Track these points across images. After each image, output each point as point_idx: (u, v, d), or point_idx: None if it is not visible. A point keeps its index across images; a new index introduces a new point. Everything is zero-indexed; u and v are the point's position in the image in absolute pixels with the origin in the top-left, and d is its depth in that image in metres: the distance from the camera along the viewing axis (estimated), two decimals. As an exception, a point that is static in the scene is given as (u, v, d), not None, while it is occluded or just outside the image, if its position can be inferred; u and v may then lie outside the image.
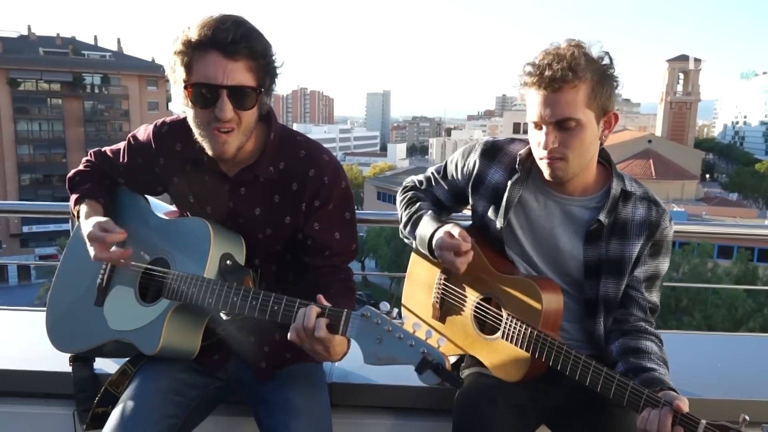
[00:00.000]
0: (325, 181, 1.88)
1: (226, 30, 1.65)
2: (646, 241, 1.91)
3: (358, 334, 1.56)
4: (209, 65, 1.67)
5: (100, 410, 1.96)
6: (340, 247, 1.92)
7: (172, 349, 1.86)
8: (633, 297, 1.95)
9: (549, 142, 1.81)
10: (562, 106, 1.77)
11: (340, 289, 1.87)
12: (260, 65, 1.73)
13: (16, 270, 46.25)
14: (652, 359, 1.83)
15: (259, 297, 1.70)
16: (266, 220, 1.91)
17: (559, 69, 1.74)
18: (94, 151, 2.18)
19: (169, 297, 1.82)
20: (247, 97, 1.73)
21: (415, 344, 1.48)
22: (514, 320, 1.90)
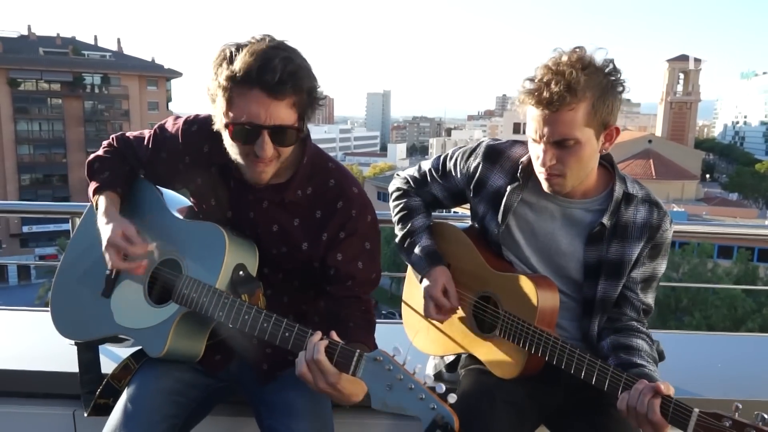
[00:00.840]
0: (353, 214, 1.86)
1: (273, 69, 1.58)
2: (646, 243, 1.92)
3: (369, 376, 1.53)
4: (252, 104, 1.62)
5: (102, 401, 1.96)
6: (363, 275, 1.89)
7: (177, 353, 1.86)
8: (627, 297, 1.96)
9: (547, 159, 1.80)
10: (560, 127, 1.75)
11: (360, 321, 1.85)
12: (304, 101, 1.69)
13: (16, 270, 46.26)
14: (641, 356, 1.84)
15: (271, 320, 1.68)
16: (283, 239, 1.89)
17: (557, 90, 1.70)
18: (118, 135, 2.11)
19: (179, 302, 1.81)
20: (289, 135, 1.70)
21: (425, 398, 1.46)
22: (511, 317, 1.91)
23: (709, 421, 1.52)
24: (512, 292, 1.95)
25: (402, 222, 2.22)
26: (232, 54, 1.63)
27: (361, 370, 1.54)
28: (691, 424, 1.54)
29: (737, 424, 1.49)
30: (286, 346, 1.67)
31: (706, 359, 2.78)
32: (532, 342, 1.85)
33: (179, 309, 1.81)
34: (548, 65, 1.75)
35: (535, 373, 1.94)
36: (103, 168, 2.04)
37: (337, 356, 1.57)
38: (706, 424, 1.52)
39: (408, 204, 2.24)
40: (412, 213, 2.22)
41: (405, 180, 2.30)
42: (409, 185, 2.29)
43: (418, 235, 2.17)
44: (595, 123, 1.76)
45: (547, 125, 1.76)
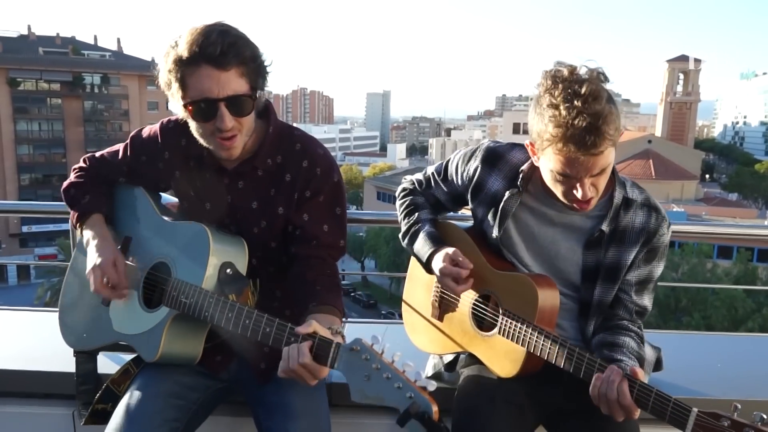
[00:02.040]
0: (318, 172, 1.91)
1: (213, 43, 1.68)
2: (642, 247, 1.92)
3: (347, 368, 1.52)
4: (203, 80, 1.70)
5: (100, 407, 1.96)
6: (327, 239, 1.93)
7: (173, 355, 1.86)
8: (621, 299, 1.96)
9: (588, 192, 1.77)
10: (601, 161, 1.72)
11: (326, 284, 1.87)
12: (251, 69, 1.76)
13: (15, 270, 46.26)
14: (623, 352, 1.85)
15: (252, 317, 1.69)
16: (262, 212, 1.93)
17: (596, 133, 1.65)
18: (87, 156, 2.16)
19: (169, 305, 1.82)
20: (244, 104, 1.77)
21: (402, 387, 1.43)
22: (510, 316, 1.91)
23: (707, 421, 1.52)
24: (512, 291, 1.95)
25: (408, 216, 2.22)
26: (175, 42, 1.73)
27: (338, 361, 1.54)
28: (690, 423, 1.54)
29: (736, 424, 1.49)
30: (268, 342, 1.68)
31: (705, 359, 2.78)
32: (532, 340, 1.85)
33: (170, 312, 1.82)
34: (573, 105, 1.65)
35: (535, 373, 1.94)
36: (81, 192, 2.08)
37: (315, 349, 1.58)
38: (704, 423, 1.52)
39: (414, 200, 2.26)
40: (417, 207, 2.23)
41: (411, 182, 2.33)
42: (414, 187, 2.31)
43: (423, 223, 2.16)
44: (617, 134, 1.74)
45: (590, 166, 1.72)
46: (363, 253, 46.08)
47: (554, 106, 1.68)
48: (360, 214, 3.23)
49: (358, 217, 3.19)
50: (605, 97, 1.68)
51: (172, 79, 1.74)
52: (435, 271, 2.03)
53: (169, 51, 1.74)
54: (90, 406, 1.99)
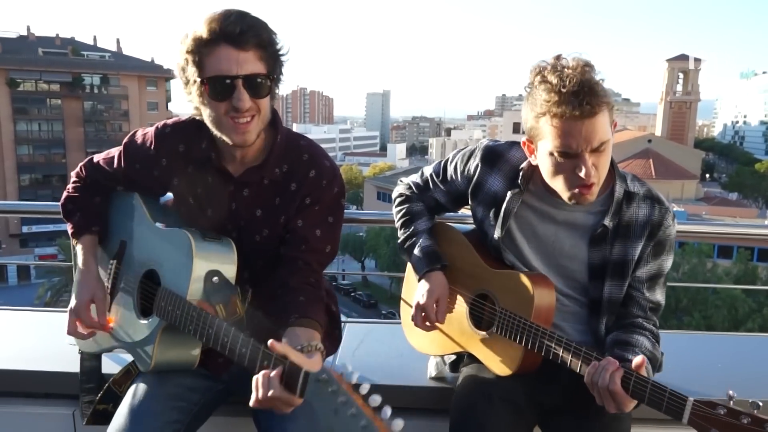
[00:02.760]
0: (323, 183, 1.90)
1: (233, 23, 1.68)
2: (648, 241, 1.91)
3: (316, 399, 1.39)
4: (222, 59, 1.69)
5: (102, 407, 1.96)
6: (317, 244, 1.90)
7: (169, 364, 1.85)
8: (633, 297, 1.95)
9: (591, 171, 1.76)
10: (599, 131, 1.72)
11: (309, 296, 1.83)
12: (269, 54, 1.75)
13: (15, 270, 46.27)
14: (636, 352, 1.83)
15: (230, 335, 1.62)
16: (265, 221, 1.91)
17: (590, 93, 1.68)
18: (85, 163, 2.15)
19: (158, 315, 1.80)
20: (262, 85, 1.75)
21: (367, 425, 1.28)
22: (508, 314, 1.92)
23: (704, 410, 1.53)
24: (509, 289, 1.96)
25: (405, 226, 2.22)
26: (193, 29, 1.72)
27: (306, 390, 1.43)
28: (686, 413, 1.55)
29: (732, 412, 1.50)
30: (243, 363, 1.59)
31: (706, 359, 2.78)
32: (529, 337, 1.85)
33: (159, 322, 1.81)
34: (563, 72, 1.71)
35: (533, 371, 1.94)
36: (75, 209, 2.10)
37: (285, 376, 1.48)
38: (701, 412, 1.53)
39: (410, 209, 2.24)
40: (414, 217, 2.22)
41: (408, 186, 2.30)
42: (411, 191, 2.28)
43: (419, 235, 2.17)
44: (610, 110, 1.77)
45: (588, 133, 1.72)
46: (363, 253, 46.10)
47: (544, 81, 1.73)
48: (360, 214, 3.23)
49: (358, 217, 3.18)
50: (594, 71, 1.74)
51: (189, 59, 1.72)
52: (419, 293, 2.09)
53: (187, 34, 1.73)
54: (91, 405, 1.99)
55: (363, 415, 1.29)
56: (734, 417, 1.49)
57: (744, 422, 1.48)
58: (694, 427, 1.54)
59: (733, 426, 1.49)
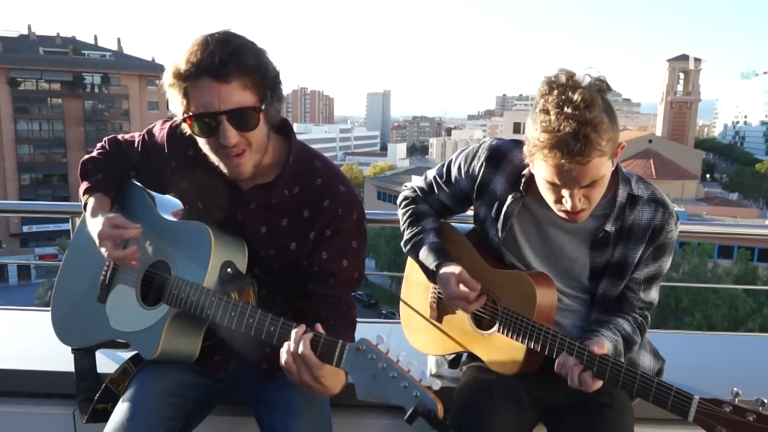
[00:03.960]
0: (339, 212, 1.85)
1: (211, 53, 1.59)
2: (648, 244, 1.90)
3: (353, 367, 1.53)
4: (204, 93, 1.62)
5: (100, 407, 1.96)
6: (345, 275, 1.87)
7: (172, 353, 1.86)
8: (627, 296, 1.96)
9: (578, 203, 1.75)
10: (591, 171, 1.69)
11: (341, 321, 1.83)
12: (256, 80, 1.66)
13: (16, 270, 46.29)
14: (610, 329, 1.86)
15: (256, 316, 1.69)
16: (270, 239, 1.89)
17: (586, 138, 1.61)
18: (110, 138, 2.13)
19: (169, 303, 1.82)
20: (249, 117, 1.67)
21: (408, 386, 1.45)
22: (510, 313, 1.91)
23: (709, 408, 1.53)
24: (510, 289, 1.95)
25: (411, 225, 2.19)
26: (176, 59, 1.65)
27: (344, 360, 1.55)
28: (692, 411, 1.55)
29: (738, 410, 1.50)
30: (272, 340, 1.67)
31: (706, 359, 2.78)
32: (531, 337, 1.85)
33: (170, 310, 1.82)
34: (563, 111, 1.63)
35: (535, 370, 1.94)
36: (96, 169, 2.06)
37: (321, 348, 1.58)
38: (706, 410, 1.54)
39: (416, 209, 2.22)
40: (420, 217, 2.20)
41: (413, 190, 2.29)
42: (417, 194, 2.27)
43: (427, 233, 2.15)
44: (613, 146, 1.72)
45: (579, 176, 1.69)
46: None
47: (545, 111, 1.67)
48: (360, 214, 3.21)
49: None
50: (600, 106, 1.64)
51: (174, 92, 1.67)
52: (444, 292, 2.02)
53: (169, 65, 1.66)
54: (89, 402, 1.99)
55: (404, 376, 1.46)
56: (740, 414, 1.50)
57: (750, 419, 1.48)
58: (700, 424, 1.55)
59: (739, 423, 1.49)
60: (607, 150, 1.67)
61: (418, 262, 2.14)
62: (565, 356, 1.76)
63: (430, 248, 2.09)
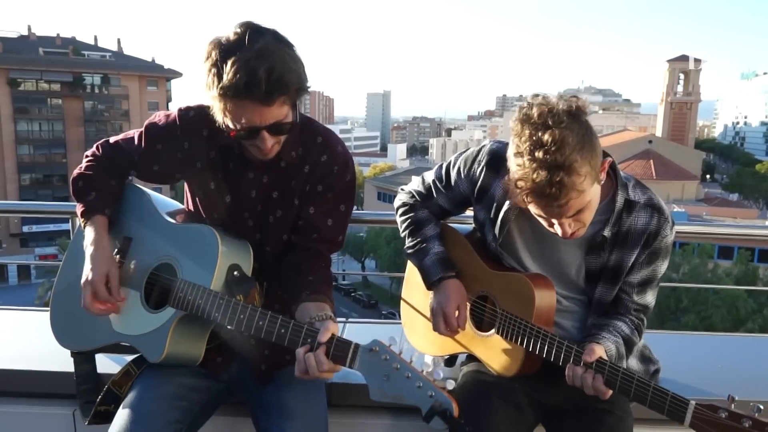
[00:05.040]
0: (335, 170, 1.93)
1: (259, 83, 1.62)
2: (643, 249, 1.91)
3: (366, 368, 1.55)
4: (247, 112, 1.69)
5: (103, 408, 1.96)
6: (328, 233, 1.95)
7: (177, 357, 1.86)
8: (622, 299, 1.96)
9: (568, 230, 1.77)
10: (575, 205, 1.70)
11: (319, 275, 1.90)
12: (294, 97, 1.76)
13: (16, 270, 46.28)
14: (609, 331, 1.87)
15: (266, 318, 1.71)
16: (280, 202, 1.95)
17: (561, 183, 1.61)
18: (101, 142, 2.10)
19: (175, 306, 1.82)
20: (285, 127, 1.78)
21: (423, 386, 1.47)
22: (509, 316, 1.91)
23: (705, 413, 1.54)
24: (510, 291, 1.96)
25: (413, 234, 2.18)
26: (218, 65, 1.64)
27: (357, 362, 1.57)
28: (688, 416, 1.56)
29: (733, 415, 1.51)
30: (283, 343, 1.69)
31: (706, 359, 2.78)
32: (530, 339, 1.85)
33: (176, 313, 1.82)
34: (535, 157, 1.62)
35: (534, 372, 1.94)
36: (88, 188, 2.03)
37: (333, 349, 1.61)
38: (702, 416, 1.54)
39: (416, 216, 2.21)
40: (421, 223, 2.18)
41: (410, 194, 2.27)
42: (415, 199, 2.25)
43: (430, 241, 2.14)
44: (594, 174, 1.71)
45: (562, 211, 1.70)
46: (363, 253, 46.05)
47: (519, 154, 1.67)
48: (360, 214, 3.22)
49: (359, 217, 3.18)
50: (571, 144, 1.61)
51: (216, 103, 1.70)
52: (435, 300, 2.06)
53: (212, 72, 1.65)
54: (91, 405, 1.99)
55: (418, 376, 1.48)
56: (735, 420, 1.50)
57: (745, 425, 1.49)
58: (696, 430, 1.56)
59: (734, 429, 1.50)
60: (586, 185, 1.67)
61: (421, 269, 2.14)
62: (572, 368, 1.75)
63: (436, 257, 2.10)
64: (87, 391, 2.11)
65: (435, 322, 2.05)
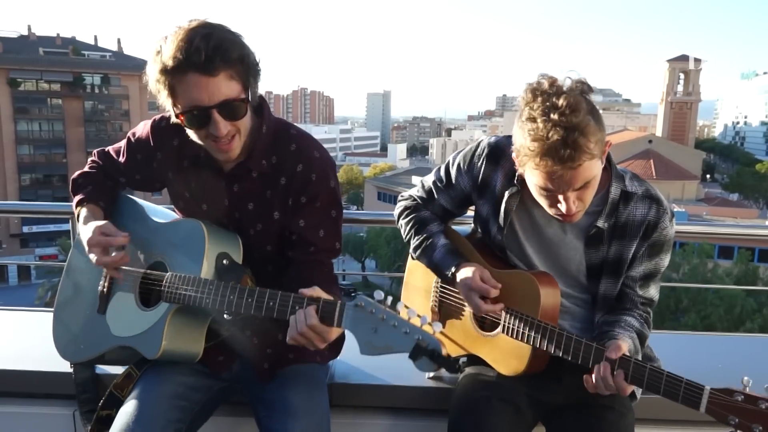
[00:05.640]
0: (313, 177, 1.88)
1: (197, 49, 1.61)
2: (642, 241, 1.90)
3: (353, 324, 1.56)
4: (191, 88, 1.66)
5: (105, 413, 1.96)
6: (324, 244, 1.93)
7: (175, 352, 1.86)
8: (626, 293, 1.96)
9: (573, 206, 1.76)
10: (583, 174, 1.70)
11: (323, 280, 1.86)
12: (240, 69, 1.71)
13: (16, 270, 46.25)
14: (622, 326, 1.86)
15: (255, 294, 1.71)
16: (257, 214, 1.92)
17: (573, 146, 1.62)
18: (98, 151, 2.17)
19: (168, 300, 1.83)
20: (237, 108, 1.73)
21: (410, 331, 1.48)
22: (513, 314, 1.91)
23: (721, 398, 1.54)
24: (514, 289, 1.95)
25: (417, 233, 2.17)
26: (159, 47, 1.67)
27: (344, 319, 1.57)
28: (704, 401, 1.56)
29: (750, 398, 1.51)
30: (272, 315, 1.69)
31: (706, 359, 2.78)
32: (537, 336, 1.84)
33: (169, 306, 1.83)
34: (550, 118, 1.64)
35: (541, 370, 1.93)
36: (87, 183, 2.09)
37: (321, 312, 1.62)
38: (718, 400, 1.54)
39: (419, 216, 2.20)
40: (425, 222, 2.18)
41: (411, 198, 2.27)
42: (416, 203, 2.25)
43: (436, 236, 2.13)
44: (601, 147, 1.72)
45: (570, 179, 1.70)
46: (363, 253, 46.03)
47: (532, 120, 1.67)
48: (360, 215, 3.23)
49: (359, 217, 3.19)
50: (585, 109, 1.65)
51: (160, 87, 1.70)
52: (460, 285, 1.99)
53: (154, 58, 1.68)
54: (92, 413, 2.00)
55: (405, 323, 1.48)
56: (752, 403, 1.50)
57: (762, 407, 1.49)
58: (712, 415, 1.55)
59: (752, 411, 1.50)
60: (596, 151, 1.68)
61: (432, 265, 2.11)
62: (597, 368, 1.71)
63: (444, 250, 2.08)
64: (87, 400, 2.12)
65: (474, 304, 1.96)
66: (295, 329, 1.64)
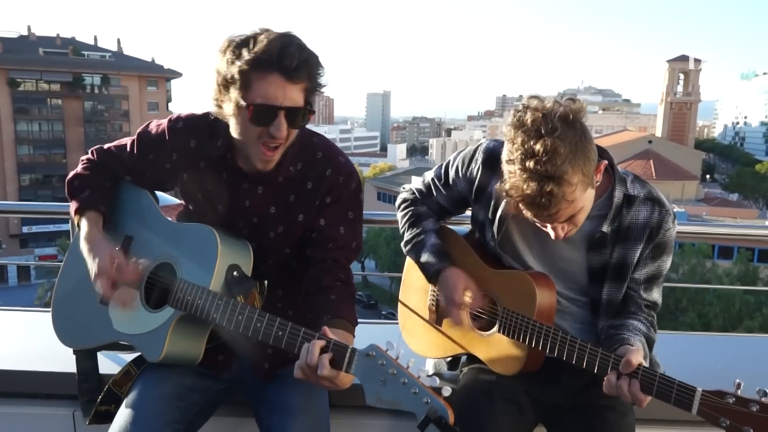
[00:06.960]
0: (340, 180, 1.93)
1: (291, 55, 1.68)
2: (647, 244, 1.90)
3: (362, 372, 1.54)
4: (270, 86, 1.69)
5: (103, 408, 1.96)
6: (343, 240, 1.93)
7: (176, 356, 1.86)
8: (630, 296, 1.96)
9: (560, 234, 1.79)
10: (567, 213, 1.72)
11: (341, 294, 1.86)
12: (310, 87, 1.77)
13: (16, 270, 46.26)
14: (629, 329, 1.86)
15: (264, 319, 1.70)
16: (280, 218, 1.93)
17: (553, 194, 1.63)
18: (96, 148, 2.13)
19: (174, 306, 1.82)
20: (300, 116, 1.78)
21: (419, 392, 1.46)
22: (509, 313, 1.91)
23: (712, 400, 1.54)
24: (510, 289, 1.96)
25: (412, 227, 2.20)
26: (247, 40, 1.70)
27: (353, 366, 1.56)
28: (695, 403, 1.56)
29: (741, 401, 1.52)
30: (280, 345, 1.68)
31: (705, 359, 2.78)
32: (532, 336, 1.85)
33: (175, 312, 1.82)
34: (526, 167, 1.63)
35: (536, 370, 1.94)
36: (83, 186, 2.05)
37: (331, 354, 1.59)
38: (710, 402, 1.54)
39: (416, 210, 2.23)
40: (420, 218, 2.21)
41: (411, 192, 2.30)
42: (415, 197, 2.27)
43: (428, 234, 2.15)
44: (587, 180, 1.71)
45: (556, 216, 1.72)
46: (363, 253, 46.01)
47: (511, 162, 1.69)
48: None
49: (358, 217, 3.18)
50: (563, 153, 1.61)
51: (236, 74, 1.69)
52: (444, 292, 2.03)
53: (240, 47, 1.69)
54: (91, 404, 2.00)
55: (414, 382, 1.47)
56: (743, 405, 1.51)
57: (753, 410, 1.49)
58: (704, 417, 1.55)
59: (742, 414, 1.50)
60: (578, 192, 1.68)
61: (419, 263, 2.14)
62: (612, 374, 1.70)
63: (432, 250, 2.09)
64: (88, 389, 2.11)
65: (452, 316, 2.02)
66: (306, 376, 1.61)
